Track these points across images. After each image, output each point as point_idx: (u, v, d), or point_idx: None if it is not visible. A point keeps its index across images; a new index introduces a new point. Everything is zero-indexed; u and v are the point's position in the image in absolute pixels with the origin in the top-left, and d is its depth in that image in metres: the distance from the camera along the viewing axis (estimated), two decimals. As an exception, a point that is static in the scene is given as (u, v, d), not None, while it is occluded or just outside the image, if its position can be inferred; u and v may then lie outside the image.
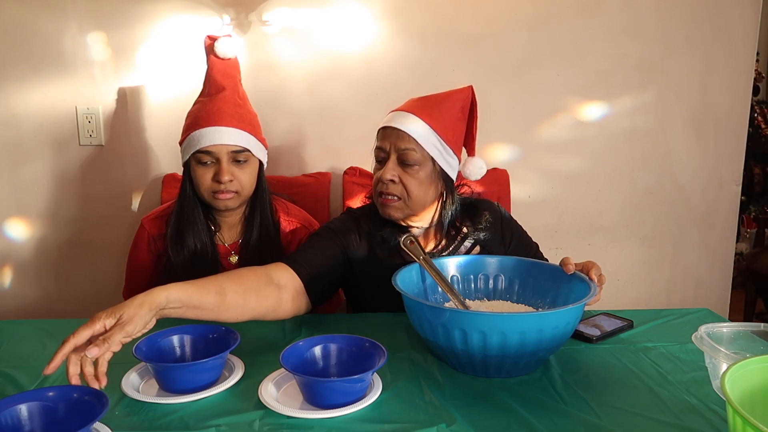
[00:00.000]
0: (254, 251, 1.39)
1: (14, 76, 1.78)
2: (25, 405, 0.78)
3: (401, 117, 1.25)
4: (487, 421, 0.84)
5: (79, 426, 0.72)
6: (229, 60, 1.40)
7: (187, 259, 1.35)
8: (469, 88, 1.32)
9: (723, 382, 0.67)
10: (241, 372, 0.96)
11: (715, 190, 2.07)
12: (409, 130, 1.23)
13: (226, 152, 1.31)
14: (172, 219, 1.37)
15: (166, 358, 0.97)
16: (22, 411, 0.77)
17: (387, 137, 1.26)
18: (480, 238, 1.33)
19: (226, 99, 1.34)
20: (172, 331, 1.00)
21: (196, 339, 1.00)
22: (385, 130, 1.26)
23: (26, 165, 1.84)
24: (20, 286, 1.91)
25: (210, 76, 1.37)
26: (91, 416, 0.74)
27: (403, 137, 1.23)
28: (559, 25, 1.90)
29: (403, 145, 1.23)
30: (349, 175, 1.84)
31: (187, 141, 1.32)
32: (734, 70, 1.99)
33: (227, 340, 0.97)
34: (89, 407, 0.77)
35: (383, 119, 1.30)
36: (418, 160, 1.23)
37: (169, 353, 0.98)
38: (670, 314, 1.27)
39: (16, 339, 1.13)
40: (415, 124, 1.24)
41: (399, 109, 1.29)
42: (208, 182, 1.32)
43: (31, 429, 0.78)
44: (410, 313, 1.03)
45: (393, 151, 1.24)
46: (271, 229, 1.41)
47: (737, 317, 2.89)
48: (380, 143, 1.27)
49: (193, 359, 0.98)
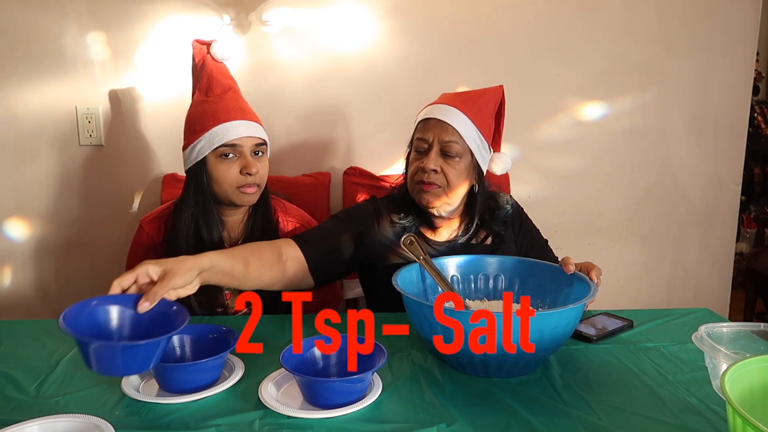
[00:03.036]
0: None
1: (14, 76, 1.78)
2: (116, 306, 0.87)
3: (444, 110, 1.29)
4: (487, 421, 0.84)
5: (161, 333, 0.81)
6: (224, 62, 1.42)
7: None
8: (500, 88, 1.38)
9: (723, 382, 0.67)
10: (241, 372, 0.96)
11: (715, 190, 2.07)
12: (453, 123, 1.27)
13: (250, 145, 1.32)
14: (185, 217, 1.35)
15: (167, 358, 0.97)
16: (111, 311, 0.86)
17: (431, 129, 1.29)
18: (496, 229, 1.37)
19: (236, 97, 1.36)
20: None
21: (196, 339, 1.00)
22: (429, 121, 1.30)
23: (26, 165, 1.84)
24: (20, 286, 1.91)
25: (212, 78, 1.37)
26: (171, 328, 0.82)
27: (447, 129, 1.27)
28: (559, 25, 1.90)
29: (447, 137, 1.27)
30: (349, 175, 1.85)
31: (206, 138, 1.31)
32: (734, 70, 1.99)
33: (227, 340, 0.97)
34: (170, 319, 0.86)
35: (422, 111, 1.33)
36: (460, 152, 1.28)
37: (170, 353, 0.98)
38: (670, 314, 1.27)
39: (16, 339, 1.13)
40: (459, 117, 1.28)
41: (438, 102, 1.32)
42: (233, 176, 1.31)
43: (120, 326, 0.86)
44: (410, 313, 1.03)
45: (436, 143, 1.28)
46: (272, 227, 1.41)
47: (737, 317, 2.89)
48: (422, 134, 1.30)
49: (193, 359, 0.98)
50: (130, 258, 1.46)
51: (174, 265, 0.92)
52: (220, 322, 1.23)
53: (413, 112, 1.89)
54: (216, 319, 1.26)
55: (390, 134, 1.91)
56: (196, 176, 1.35)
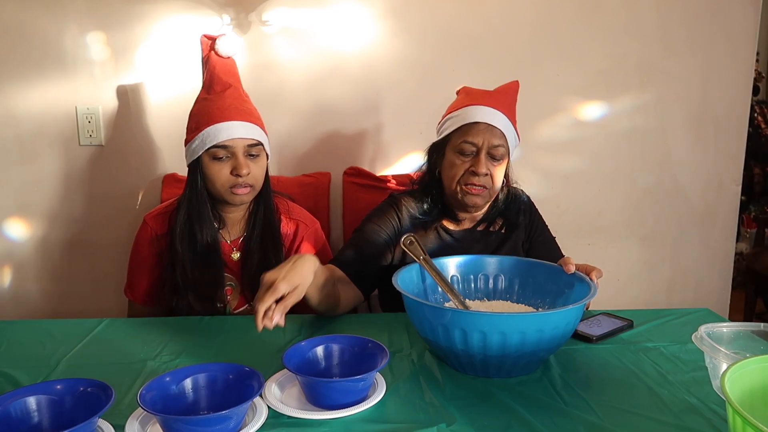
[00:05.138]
0: (256, 248, 1.39)
1: (14, 76, 1.78)
2: (33, 397, 0.79)
3: (491, 114, 1.32)
4: (487, 421, 0.84)
5: (86, 418, 0.73)
6: (229, 58, 1.41)
7: (193, 254, 1.35)
8: (517, 83, 1.41)
9: (723, 382, 0.67)
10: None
11: (715, 190, 2.07)
12: (500, 126, 1.31)
13: (242, 146, 1.32)
14: (181, 214, 1.36)
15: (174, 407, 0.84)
16: (29, 403, 0.79)
17: (480, 133, 1.31)
18: (511, 218, 1.43)
19: (235, 95, 1.36)
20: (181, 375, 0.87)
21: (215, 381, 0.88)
22: (478, 125, 1.31)
23: (26, 165, 1.84)
24: (20, 286, 1.91)
25: (214, 75, 1.37)
26: (97, 408, 0.74)
27: (495, 134, 1.31)
28: (559, 25, 1.90)
29: (495, 142, 1.31)
30: (349, 175, 1.84)
31: (200, 138, 1.31)
32: (734, 70, 1.99)
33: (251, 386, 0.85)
34: (95, 400, 0.78)
35: (458, 111, 1.34)
36: (504, 154, 1.33)
37: (180, 400, 0.85)
38: (670, 314, 1.27)
39: (16, 339, 1.13)
40: (502, 119, 1.32)
41: (478, 104, 1.33)
42: (225, 177, 1.32)
43: (39, 420, 0.79)
44: (410, 313, 1.03)
45: (485, 147, 1.30)
46: (274, 226, 1.42)
47: (737, 317, 2.90)
48: (471, 138, 1.31)
49: (208, 403, 0.86)
50: (135, 252, 1.45)
51: (301, 281, 1.00)
52: (220, 323, 1.23)
53: (413, 112, 1.90)
54: (215, 319, 1.25)
55: (390, 134, 1.91)
56: (192, 174, 1.36)
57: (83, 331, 1.17)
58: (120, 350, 1.09)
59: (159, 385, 0.82)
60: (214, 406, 0.84)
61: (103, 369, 1.00)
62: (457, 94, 1.44)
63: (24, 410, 0.78)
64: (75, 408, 0.79)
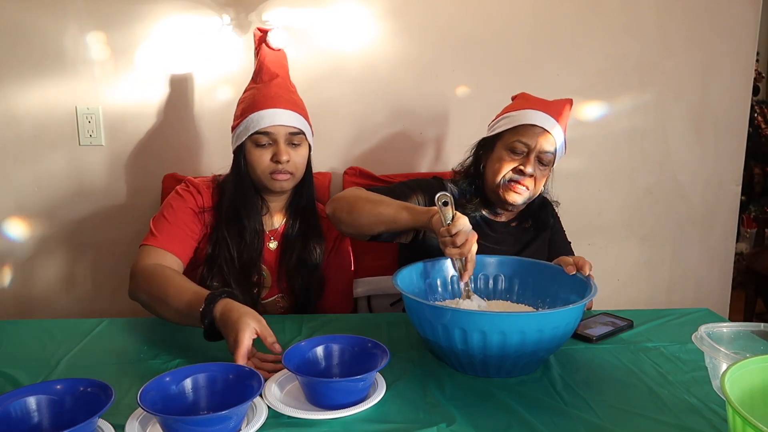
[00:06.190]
0: (296, 238, 1.41)
1: (14, 76, 1.78)
2: (33, 397, 0.79)
3: (546, 119, 1.34)
4: (487, 421, 0.84)
5: (86, 418, 0.73)
6: (280, 51, 1.45)
7: (239, 237, 1.35)
8: (571, 101, 1.44)
9: (723, 382, 0.67)
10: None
11: (715, 190, 2.07)
12: (555, 134, 1.35)
13: (283, 133, 1.34)
14: (226, 197, 1.36)
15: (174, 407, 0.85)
16: (29, 403, 0.79)
17: (534, 135, 1.33)
18: (543, 217, 1.47)
19: (281, 85, 1.39)
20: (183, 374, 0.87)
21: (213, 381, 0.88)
22: (534, 128, 1.34)
23: (26, 165, 1.84)
24: (20, 286, 1.91)
25: (263, 65, 1.41)
26: (97, 408, 0.74)
27: (549, 140, 1.34)
28: (559, 25, 1.90)
29: (547, 147, 1.34)
30: (349, 175, 1.84)
31: (245, 124, 1.34)
32: (734, 70, 1.99)
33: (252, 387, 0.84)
34: (95, 400, 0.78)
35: (519, 114, 1.36)
36: (551, 161, 1.37)
37: (180, 400, 0.86)
38: (670, 314, 1.27)
39: (16, 339, 1.13)
40: (558, 129, 1.36)
41: (539, 109, 1.36)
42: (265, 163, 1.34)
43: (39, 420, 0.79)
44: (410, 313, 1.03)
45: (536, 150, 1.33)
46: (314, 215, 1.44)
47: (737, 317, 2.90)
48: (525, 138, 1.34)
49: (208, 403, 0.86)
50: (177, 209, 1.34)
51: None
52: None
53: (413, 112, 1.90)
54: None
55: (390, 134, 1.91)
56: (236, 160, 1.38)
57: (83, 331, 1.17)
58: (120, 350, 1.09)
59: (159, 385, 0.82)
60: (214, 406, 0.84)
61: (103, 369, 1.00)
62: (513, 100, 1.48)
63: (24, 410, 0.78)
64: (75, 408, 0.79)
